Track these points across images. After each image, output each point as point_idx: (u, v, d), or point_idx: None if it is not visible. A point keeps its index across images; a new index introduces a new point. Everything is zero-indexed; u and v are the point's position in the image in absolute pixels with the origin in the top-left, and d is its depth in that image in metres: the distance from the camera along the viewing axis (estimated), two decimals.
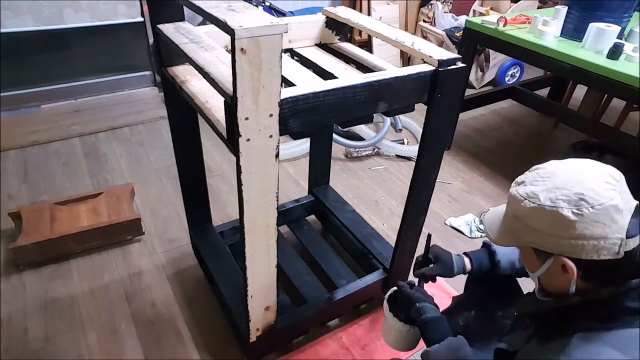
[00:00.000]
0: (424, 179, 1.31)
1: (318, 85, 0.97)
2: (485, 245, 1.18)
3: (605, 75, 1.84)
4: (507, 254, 1.14)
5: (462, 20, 3.53)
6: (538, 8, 3.57)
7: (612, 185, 0.73)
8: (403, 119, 2.96)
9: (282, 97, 0.88)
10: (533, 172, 0.82)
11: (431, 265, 1.16)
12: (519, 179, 0.84)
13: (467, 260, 1.15)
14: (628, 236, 0.71)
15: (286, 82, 1.16)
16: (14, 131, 2.63)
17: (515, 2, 3.59)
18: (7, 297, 1.67)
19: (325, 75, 1.23)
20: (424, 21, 3.66)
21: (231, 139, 0.92)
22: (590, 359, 0.71)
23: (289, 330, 1.44)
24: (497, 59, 3.59)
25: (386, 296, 1.18)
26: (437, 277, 1.16)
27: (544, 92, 3.25)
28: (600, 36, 1.92)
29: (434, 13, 3.60)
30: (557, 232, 0.73)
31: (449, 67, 1.09)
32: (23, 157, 2.47)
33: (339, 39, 1.48)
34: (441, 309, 1.10)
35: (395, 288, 1.15)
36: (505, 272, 1.14)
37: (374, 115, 1.12)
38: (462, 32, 2.44)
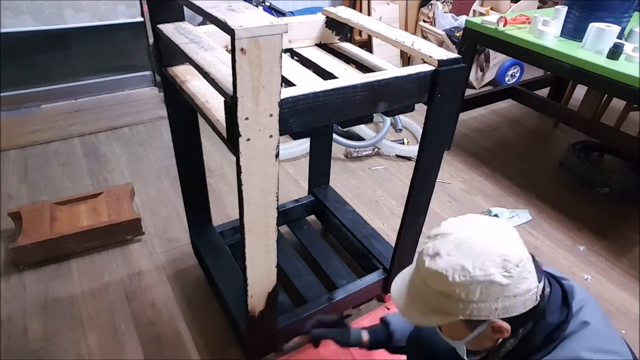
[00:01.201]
0: (424, 179, 1.31)
1: (318, 85, 0.97)
2: (381, 319, 1.25)
3: (605, 75, 1.84)
4: (401, 326, 1.20)
5: (462, 20, 3.53)
6: (538, 8, 3.57)
7: (517, 237, 0.78)
8: (403, 119, 2.96)
9: (282, 97, 0.88)
10: (442, 241, 0.80)
11: (323, 329, 1.23)
12: (429, 250, 0.81)
13: (364, 333, 1.22)
14: (538, 281, 0.77)
15: (286, 82, 1.16)
16: (14, 131, 2.63)
17: (515, 2, 3.59)
18: (7, 297, 1.67)
19: (325, 75, 1.23)
20: (424, 21, 3.66)
21: (231, 139, 0.92)
22: None
23: (289, 330, 1.43)
24: (497, 59, 3.60)
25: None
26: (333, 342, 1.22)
27: (544, 92, 3.25)
28: (600, 36, 1.92)
29: (434, 13, 3.60)
30: (492, 297, 0.74)
31: (449, 67, 1.09)
32: (23, 157, 2.47)
33: (339, 39, 1.48)
34: None
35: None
36: (399, 344, 1.20)
37: (374, 115, 1.12)
38: (462, 32, 2.44)
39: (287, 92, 0.91)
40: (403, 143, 2.70)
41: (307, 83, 1.09)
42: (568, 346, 0.78)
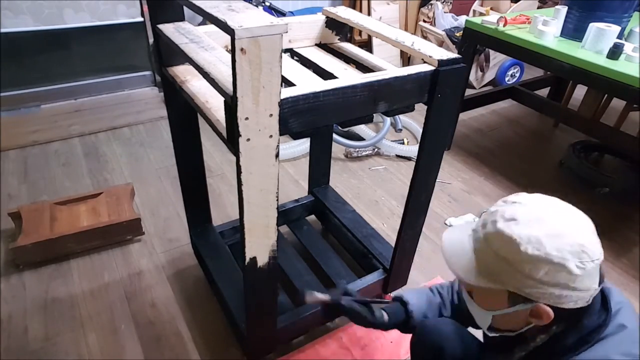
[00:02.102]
0: (424, 179, 1.31)
1: (318, 85, 0.96)
2: (396, 298, 1.20)
3: (605, 75, 1.84)
4: (419, 306, 1.16)
5: (462, 20, 3.53)
6: (538, 8, 3.57)
7: (597, 237, 0.74)
8: (403, 119, 2.96)
9: (282, 97, 0.88)
10: (520, 209, 0.75)
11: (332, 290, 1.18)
12: (505, 213, 0.75)
13: (383, 312, 1.17)
14: (598, 285, 0.74)
15: (286, 82, 1.16)
16: (14, 131, 2.63)
17: (515, 2, 3.59)
18: (7, 297, 1.67)
19: (325, 75, 1.23)
20: (424, 21, 3.66)
21: (231, 139, 0.92)
22: None
23: (289, 330, 1.43)
24: (497, 59, 3.60)
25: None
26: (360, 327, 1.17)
27: (544, 92, 3.25)
28: (600, 36, 1.92)
29: (434, 13, 3.60)
30: (554, 282, 0.70)
31: (449, 67, 1.09)
32: (23, 157, 2.47)
33: (339, 39, 1.48)
34: None
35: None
36: (416, 324, 1.16)
37: (374, 115, 1.12)
38: (462, 32, 2.44)
39: (287, 92, 0.91)
40: (403, 143, 2.70)
41: (307, 83, 1.09)
42: (601, 348, 0.75)
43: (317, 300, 1.15)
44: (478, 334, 1.07)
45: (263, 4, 3.03)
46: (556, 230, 0.71)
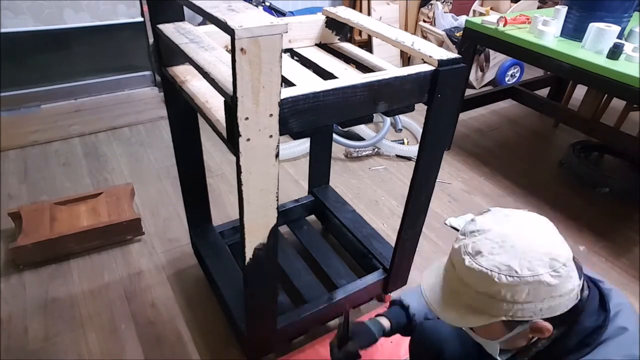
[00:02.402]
0: (424, 179, 1.31)
1: (318, 85, 0.96)
2: (395, 302, 1.21)
3: (605, 75, 1.84)
4: (419, 308, 1.17)
5: (462, 20, 3.53)
6: (538, 8, 3.57)
7: (558, 233, 0.76)
8: (403, 119, 2.96)
9: (282, 97, 0.88)
10: (482, 239, 0.76)
11: (350, 343, 1.15)
12: (469, 248, 0.76)
13: (383, 320, 1.18)
14: (579, 279, 0.75)
15: (286, 82, 1.16)
16: (14, 131, 2.63)
17: (515, 2, 3.59)
18: (7, 297, 1.67)
19: (325, 75, 1.23)
20: (424, 21, 3.66)
21: (231, 139, 0.92)
22: None
23: (289, 330, 1.43)
24: (497, 59, 3.60)
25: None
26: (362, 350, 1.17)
27: (544, 92, 3.25)
28: (600, 36, 1.92)
29: (434, 13, 3.60)
30: (538, 298, 0.72)
31: (449, 67, 1.09)
32: (23, 157, 2.47)
33: (339, 39, 1.48)
34: None
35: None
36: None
37: (374, 115, 1.12)
38: (462, 32, 2.44)
39: (287, 92, 0.91)
40: (403, 143, 2.70)
41: (307, 83, 1.09)
42: (603, 351, 0.75)
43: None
44: None
45: (263, 4, 3.03)
46: (519, 249, 0.72)
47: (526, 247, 0.72)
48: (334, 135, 2.40)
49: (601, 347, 0.76)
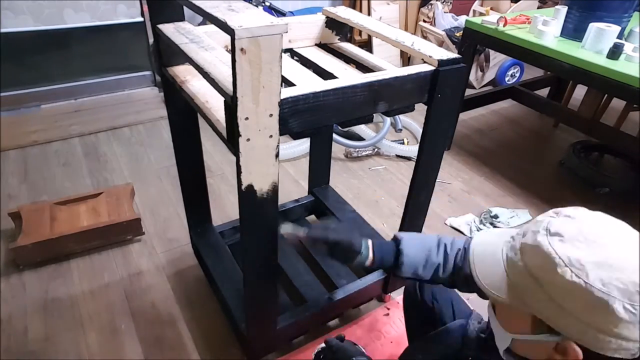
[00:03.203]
0: (424, 179, 1.31)
1: (318, 85, 0.96)
2: (394, 239, 1.06)
3: (605, 75, 1.84)
4: (413, 260, 1.01)
5: (462, 20, 3.53)
6: (538, 8, 3.57)
7: None
8: (403, 119, 2.96)
9: (282, 97, 0.88)
10: (570, 225, 0.63)
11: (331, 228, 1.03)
12: (553, 226, 0.63)
13: (370, 244, 1.04)
14: None
15: (286, 82, 1.16)
16: (14, 131, 2.63)
17: (515, 2, 3.59)
18: (7, 297, 1.67)
19: (325, 75, 1.23)
20: (424, 21, 3.66)
21: (231, 139, 0.92)
22: None
23: (289, 330, 1.43)
24: (497, 59, 3.60)
25: (314, 354, 1.15)
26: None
27: (544, 92, 3.25)
28: (600, 36, 1.92)
29: (434, 13, 3.60)
30: (591, 320, 0.57)
31: (449, 67, 1.09)
32: (23, 157, 2.47)
33: (339, 39, 1.48)
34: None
35: (323, 345, 1.08)
36: (403, 276, 1.02)
37: (374, 115, 1.12)
38: (462, 32, 2.44)
39: (287, 92, 0.91)
40: (403, 143, 2.70)
41: (307, 83, 1.09)
42: None
43: (293, 236, 1.08)
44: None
45: (263, 4, 3.03)
46: (609, 259, 0.57)
47: (616, 261, 0.57)
48: (334, 135, 2.40)
49: None
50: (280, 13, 3.06)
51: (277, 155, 0.95)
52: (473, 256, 0.73)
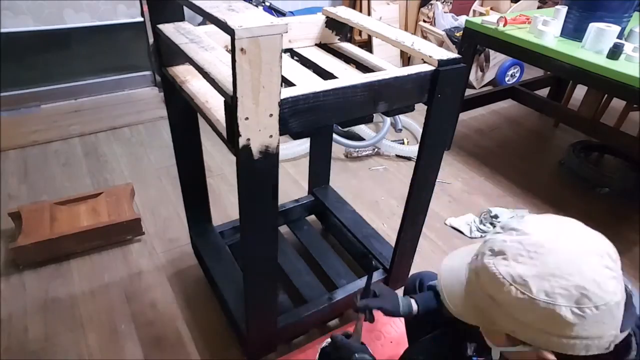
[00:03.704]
0: (424, 179, 1.31)
1: (318, 85, 0.97)
2: (431, 287, 1.13)
3: (605, 75, 1.84)
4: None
5: (462, 20, 3.53)
6: (538, 8, 3.57)
7: (613, 271, 0.62)
8: (403, 119, 2.96)
9: (282, 97, 0.88)
10: (514, 240, 0.65)
11: (375, 299, 1.09)
12: (495, 244, 0.66)
13: (413, 302, 1.09)
14: (621, 330, 0.62)
15: (286, 82, 1.16)
16: (14, 131, 2.63)
17: (515, 2, 3.59)
18: (7, 297, 1.67)
19: (325, 75, 1.23)
20: (424, 21, 3.66)
21: (231, 139, 0.92)
22: None
23: (289, 330, 1.44)
24: (497, 59, 3.60)
25: (319, 349, 1.15)
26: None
27: (544, 92, 3.25)
28: (600, 36, 1.92)
29: (434, 13, 3.60)
30: (548, 329, 0.60)
31: (449, 67, 1.09)
32: (23, 157, 2.47)
33: (339, 39, 1.48)
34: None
35: (329, 340, 1.10)
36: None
37: (374, 115, 1.12)
38: (462, 32, 2.44)
39: (287, 92, 0.91)
40: (403, 143, 2.70)
41: (307, 83, 1.09)
42: None
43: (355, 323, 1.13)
44: None
45: (263, 4, 3.03)
46: (550, 268, 0.60)
47: (559, 269, 0.60)
48: (334, 135, 2.40)
49: None
50: (280, 13, 3.06)
51: (277, 155, 0.95)
52: (441, 276, 0.76)
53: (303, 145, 2.57)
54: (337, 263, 1.72)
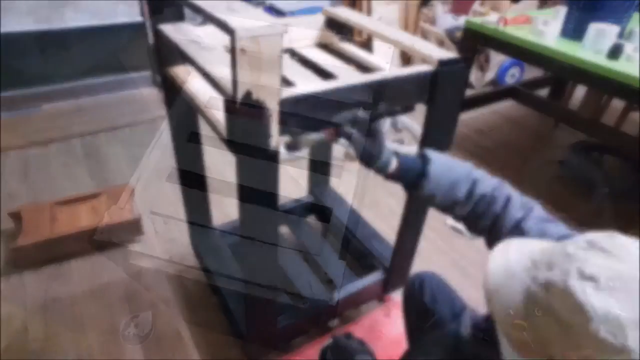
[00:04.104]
0: None
1: (318, 85, 0.96)
2: (423, 157, 1.00)
3: (605, 75, 1.84)
4: (434, 186, 0.93)
5: (462, 20, 3.53)
6: (538, 8, 3.57)
7: None
8: (403, 119, 2.96)
9: (282, 97, 0.88)
10: (606, 264, 0.53)
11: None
12: (587, 266, 0.53)
13: (394, 161, 1.00)
14: None
15: (286, 82, 1.16)
16: (14, 131, 2.63)
17: (515, 2, 3.59)
18: (7, 297, 1.67)
19: (325, 75, 1.23)
20: (424, 21, 3.66)
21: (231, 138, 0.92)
22: None
23: (289, 330, 1.43)
24: (497, 59, 3.59)
25: (321, 349, 1.15)
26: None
27: (544, 92, 3.25)
28: (600, 36, 1.92)
29: (434, 13, 3.60)
30: None
31: (449, 67, 1.09)
32: (23, 157, 2.47)
33: (339, 39, 1.48)
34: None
35: (330, 340, 1.10)
36: (426, 192, 0.93)
37: None
38: (462, 32, 2.44)
39: (287, 92, 0.91)
40: (403, 143, 2.70)
41: (307, 83, 1.09)
42: None
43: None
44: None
45: (263, 4, 3.03)
46: None
47: None
48: None
49: None
50: (280, 13, 3.06)
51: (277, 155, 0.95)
52: (489, 282, 0.64)
53: None
54: (337, 263, 1.71)
